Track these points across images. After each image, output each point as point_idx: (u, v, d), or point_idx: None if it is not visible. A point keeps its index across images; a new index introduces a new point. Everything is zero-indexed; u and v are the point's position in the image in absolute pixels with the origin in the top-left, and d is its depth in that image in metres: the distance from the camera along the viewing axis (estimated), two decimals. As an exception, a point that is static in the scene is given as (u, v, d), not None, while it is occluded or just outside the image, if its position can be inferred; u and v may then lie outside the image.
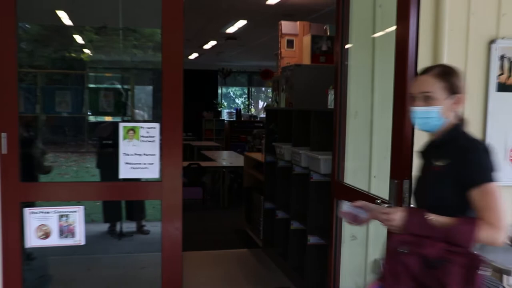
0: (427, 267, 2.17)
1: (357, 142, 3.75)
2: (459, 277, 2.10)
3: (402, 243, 2.25)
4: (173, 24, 3.23)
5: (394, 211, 2.31)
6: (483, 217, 2.15)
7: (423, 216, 2.22)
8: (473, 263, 2.11)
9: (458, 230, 2.14)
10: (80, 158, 10.67)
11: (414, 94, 2.37)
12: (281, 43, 6.71)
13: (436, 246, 2.16)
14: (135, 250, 6.57)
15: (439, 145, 2.37)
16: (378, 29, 3.61)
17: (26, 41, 7.37)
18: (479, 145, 2.28)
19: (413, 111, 2.36)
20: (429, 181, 2.36)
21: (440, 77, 2.33)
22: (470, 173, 2.20)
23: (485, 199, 2.16)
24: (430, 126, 2.37)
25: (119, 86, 7.11)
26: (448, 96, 2.32)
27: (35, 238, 3.20)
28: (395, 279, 2.24)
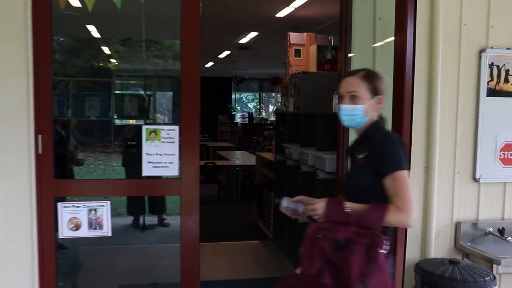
0: (336, 249, 2.20)
1: (359, 142, 3.72)
2: (361, 256, 2.13)
3: (319, 229, 2.28)
4: (191, 36, 3.23)
5: (317, 202, 2.36)
6: (394, 202, 2.22)
7: (340, 204, 2.29)
8: (374, 242, 2.12)
9: (369, 215, 2.20)
10: (106, 157, 10.71)
11: (342, 93, 2.43)
12: (290, 52, 6.70)
13: (347, 230, 2.20)
14: (157, 241, 6.59)
15: (361, 140, 2.44)
16: (378, 39, 3.61)
17: (60, 52, 7.42)
18: (392, 138, 2.37)
19: (341, 109, 2.43)
20: (354, 172, 2.44)
21: (365, 79, 2.40)
22: (384, 162, 2.27)
23: (396, 185, 2.22)
24: (355, 123, 2.44)
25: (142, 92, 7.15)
26: (372, 97, 2.39)
27: (67, 230, 3.22)
28: (310, 261, 2.27)
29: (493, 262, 2.90)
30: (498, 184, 3.22)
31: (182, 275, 3.31)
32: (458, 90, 3.12)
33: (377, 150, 2.31)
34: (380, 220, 2.19)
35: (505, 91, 3.16)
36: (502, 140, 3.19)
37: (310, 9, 7.78)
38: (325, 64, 6.04)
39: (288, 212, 2.58)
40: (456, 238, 3.16)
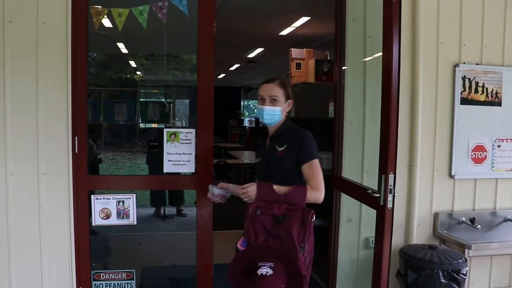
0: (276, 222, 2.37)
1: (352, 144, 3.75)
2: (298, 225, 2.36)
3: (257, 208, 2.43)
4: (206, 51, 3.24)
5: (248, 186, 2.50)
6: (310, 183, 2.49)
7: (270, 187, 2.47)
8: (307, 214, 2.39)
9: (294, 194, 2.44)
10: (132, 156, 10.72)
11: (263, 96, 2.60)
12: (291, 65, 6.69)
13: (281, 207, 2.40)
14: (175, 229, 6.58)
15: (278, 136, 2.61)
16: (368, 54, 3.61)
17: (94, 66, 7.46)
18: (308, 133, 2.60)
19: (263, 109, 2.59)
20: (276, 162, 2.56)
21: (282, 86, 2.61)
22: (303, 153, 2.51)
23: (311, 170, 2.51)
24: (273, 121, 2.61)
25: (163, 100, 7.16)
26: (285, 100, 2.62)
27: (99, 219, 3.23)
28: (255, 235, 2.40)
29: (465, 247, 2.92)
30: (470, 180, 3.24)
31: (197, 259, 3.34)
32: (436, 99, 3.13)
33: (298, 143, 2.53)
34: (303, 198, 2.45)
35: (476, 100, 3.18)
36: (473, 142, 3.21)
37: (309, 28, 7.79)
38: (322, 75, 6.03)
39: (217, 198, 2.61)
40: (434, 227, 3.17)
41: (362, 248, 3.74)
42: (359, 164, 3.69)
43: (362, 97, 3.68)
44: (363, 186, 3.28)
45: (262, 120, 2.63)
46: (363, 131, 3.70)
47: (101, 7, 3.08)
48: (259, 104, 2.63)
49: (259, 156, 2.74)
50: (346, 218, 3.82)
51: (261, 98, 2.61)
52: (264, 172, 2.64)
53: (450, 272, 2.71)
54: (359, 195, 3.30)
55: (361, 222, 3.75)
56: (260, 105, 2.61)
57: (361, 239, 3.76)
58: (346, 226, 3.81)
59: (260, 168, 2.70)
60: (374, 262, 2.99)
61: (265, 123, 2.65)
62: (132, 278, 3.35)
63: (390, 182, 2.83)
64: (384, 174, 2.85)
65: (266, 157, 2.66)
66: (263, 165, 2.67)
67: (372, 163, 3.27)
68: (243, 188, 2.52)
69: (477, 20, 3.16)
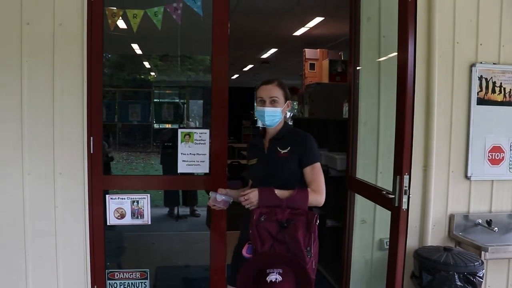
0: (281, 228, 2.35)
1: (366, 145, 3.73)
2: (303, 229, 2.34)
3: (261, 214, 2.40)
4: (221, 52, 3.24)
5: (249, 192, 2.47)
6: (311, 186, 2.50)
7: (272, 192, 2.44)
8: (311, 218, 2.36)
9: (297, 198, 2.42)
10: (146, 156, 10.77)
11: (263, 98, 2.59)
12: (305, 66, 6.70)
13: (285, 212, 2.39)
14: (189, 229, 6.61)
15: (280, 138, 2.61)
16: (382, 55, 3.60)
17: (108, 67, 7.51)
18: (310, 136, 2.62)
19: (264, 111, 2.58)
20: (281, 164, 2.55)
21: (281, 87, 2.61)
22: (307, 156, 2.54)
23: (314, 173, 2.53)
24: (274, 122, 2.61)
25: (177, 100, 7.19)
26: (285, 101, 2.62)
27: (113, 218, 3.25)
28: (261, 242, 2.36)
29: (482, 249, 2.88)
30: (486, 182, 3.20)
31: (211, 259, 3.34)
32: (452, 99, 3.10)
33: (301, 145, 2.56)
34: (305, 201, 2.43)
35: (493, 100, 3.14)
36: (490, 143, 3.17)
37: (323, 29, 7.78)
38: (336, 76, 6.03)
39: (220, 205, 2.60)
40: (450, 229, 3.15)
41: (376, 250, 3.71)
42: (373, 165, 3.67)
43: (376, 98, 3.66)
44: (378, 187, 3.27)
45: (263, 121, 2.62)
46: (378, 131, 3.67)
47: (116, 9, 3.10)
48: (259, 106, 2.62)
49: (254, 157, 2.72)
50: (360, 219, 3.80)
51: (261, 100, 2.61)
52: (261, 175, 2.63)
53: (466, 275, 2.68)
54: (374, 196, 3.28)
55: (376, 223, 3.73)
56: (261, 107, 2.60)
57: (375, 240, 3.74)
58: (360, 227, 3.79)
59: (257, 170, 2.68)
60: (389, 264, 2.97)
61: (266, 124, 2.64)
62: (146, 277, 3.37)
63: (405, 183, 2.83)
64: (399, 175, 2.83)
65: (266, 159, 2.65)
66: (261, 167, 2.66)
67: (387, 164, 3.25)
68: (244, 194, 2.49)
69: (495, 18, 3.12)
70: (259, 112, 2.62)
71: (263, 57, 11.41)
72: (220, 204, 2.62)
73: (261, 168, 2.66)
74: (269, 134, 2.69)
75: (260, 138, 2.75)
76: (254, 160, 2.71)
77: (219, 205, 2.63)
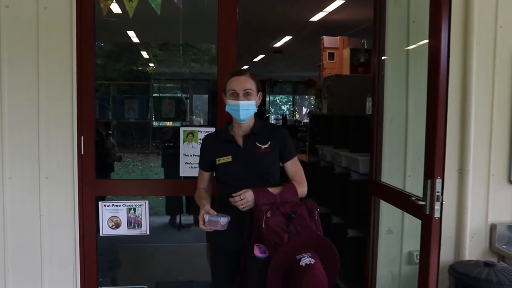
0: (288, 220, 2.54)
1: (392, 144, 3.69)
2: (308, 217, 2.59)
3: (266, 211, 2.54)
4: (228, 40, 3.24)
5: (244, 192, 2.59)
6: (295, 178, 2.79)
7: (266, 190, 2.62)
8: (311, 207, 2.62)
9: (289, 193, 2.65)
10: (144, 158, 10.81)
11: (237, 90, 2.66)
12: (323, 55, 6.69)
13: (285, 206, 2.58)
14: (193, 240, 6.60)
15: (257, 133, 2.75)
16: (411, 42, 3.57)
17: (101, 57, 7.55)
18: (285, 129, 2.90)
19: (238, 105, 2.66)
20: (265, 159, 2.72)
21: (253, 78, 2.71)
22: (288, 149, 2.78)
23: (295, 166, 2.81)
24: (248, 116, 2.71)
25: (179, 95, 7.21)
26: (257, 93, 2.72)
27: (107, 228, 3.26)
28: (278, 235, 2.50)
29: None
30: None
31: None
32: (493, 92, 3.05)
33: (282, 139, 2.77)
34: (296, 195, 2.68)
35: (541, 93, 3.08)
36: (538, 142, 3.11)
37: (343, 13, 7.75)
38: (359, 67, 6.02)
39: (214, 227, 2.60)
40: (491, 241, 3.09)
41: (405, 264, 3.70)
42: (401, 168, 3.65)
43: (404, 91, 3.63)
44: (406, 192, 3.24)
45: (237, 116, 2.69)
46: (406, 129, 3.65)
47: (109, -9, 3.10)
48: (231, 99, 2.68)
49: (225, 154, 2.76)
50: (386, 229, 3.76)
51: (234, 93, 2.67)
52: (243, 172, 2.71)
53: (510, 294, 2.63)
54: (401, 203, 3.25)
55: (404, 233, 3.71)
56: (234, 101, 2.66)
57: (403, 253, 3.72)
58: (386, 238, 3.76)
59: (234, 168, 2.74)
60: (419, 280, 2.93)
61: (240, 119, 2.70)
62: (144, 295, 3.38)
63: (437, 188, 2.79)
64: (430, 179, 2.80)
65: (244, 156, 2.73)
66: (240, 164, 2.73)
67: (416, 166, 3.22)
68: (238, 195, 2.59)
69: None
70: (232, 107, 2.68)
71: (275, 46, 11.41)
72: (213, 226, 2.63)
73: (240, 165, 2.72)
74: (242, 129, 2.76)
75: (226, 133, 2.80)
76: (227, 157, 2.75)
77: (214, 227, 2.63)
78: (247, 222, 2.62)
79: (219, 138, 2.83)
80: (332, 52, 6.65)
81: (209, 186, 2.92)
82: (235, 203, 2.59)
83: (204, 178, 2.91)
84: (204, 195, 2.83)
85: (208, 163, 2.84)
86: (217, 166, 2.78)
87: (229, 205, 2.62)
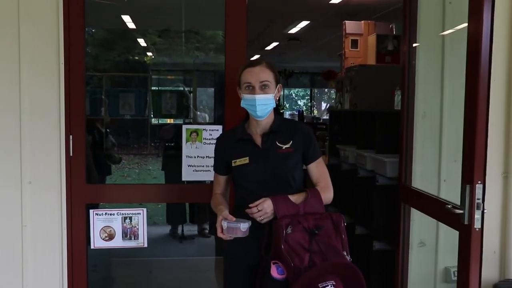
0: (311, 237, 2.51)
1: (425, 144, 3.69)
2: (334, 234, 2.57)
3: (287, 226, 2.51)
4: (237, 26, 3.24)
5: (262, 201, 2.56)
6: (319, 183, 2.80)
7: (287, 199, 2.60)
8: (337, 220, 2.60)
9: (312, 202, 2.64)
10: (142, 160, 10.84)
11: (252, 83, 2.66)
12: (345, 43, 6.70)
13: (308, 218, 2.56)
14: (197, 253, 6.62)
15: (276, 131, 2.74)
16: (448, 26, 3.55)
17: (92, 45, 7.57)
18: (308, 126, 2.92)
19: (254, 99, 2.64)
20: (285, 161, 2.71)
21: (270, 68, 2.71)
22: (312, 150, 2.77)
23: (320, 169, 2.83)
24: (266, 112, 2.70)
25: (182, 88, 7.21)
26: (276, 85, 2.72)
27: (99, 240, 3.27)
28: (298, 257, 2.47)
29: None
30: None
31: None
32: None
33: (305, 138, 2.76)
34: (321, 203, 2.67)
35: None
36: None
37: (368, -6, 7.74)
38: (386, 55, 6.02)
39: (231, 234, 2.57)
40: (542, 256, 3.07)
41: (441, 281, 3.69)
42: (435, 171, 3.65)
43: (439, 83, 3.63)
44: (441, 199, 3.21)
45: (254, 112, 2.68)
46: (441, 127, 3.65)
47: (101, -30, 3.11)
48: (246, 93, 2.68)
49: (243, 155, 2.75)
50: (418, 241, 3.76)
51: (249, 86, 2.67)
52: (262, 176, 2.71)
53: None
54: (436, 211, 3.23)
55: (439, 246, 3.71)
56: (249, 95, 2.66)
57: (438, 269, 3.72)
58: (418, 251, 3.75)
59: (254, 171, 2.73)
60: (457, 301, 2.91)
61: (257, 116, 2.70)
62: (141, 317, 3.38)
63: (477, 195, 2.75)
64: (469, 184, 2.77)
65: (263, 157, 2.72)
66: (259, 167, 2.72)
67: (453, 169, 3.21)
68: (256, 206, 2.56)
69: None
70: (248, 101, 2.67)
71: (291, 32, 11.41)
72: (240, 234, 2.60)
73: (258, 167, 2.72)
74: (260, 126, 2.76)
75: (242, 131, 2.79)
76: (243, 159, 2.74)
77: (240, 235, 2.61)
78: (265, 235, 2.60)
79: (234, 137, 2.81)
80: (355, 39, 6.66)
81: (227, 191, 2.92)
82: (252, 215, 2.57)
83: (220, 183, 2.89)
84: (221, 200, 2.81)
85: (224, 165, 2.83)
86: (232, 168, 2.77)
87: (246, 212, 2.60)
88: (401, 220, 3.69)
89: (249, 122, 2.79)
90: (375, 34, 6.18)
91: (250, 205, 2.58)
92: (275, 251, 2.52)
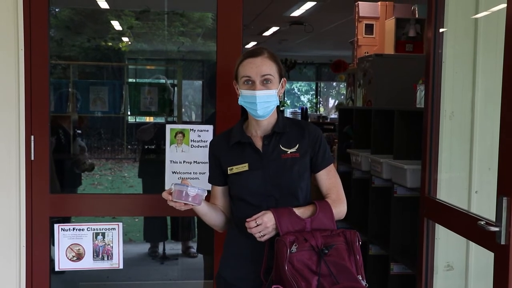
0: (320, 257, 2.49)
1: (453, 149, 3.71)
2: (347, 254, 2.54)
3: (291, 244, 2.48)
4: (230, 7, 3.25)
5: (261, 215, 2.54)
6: (330, 194, 2.76)
7: (292, 212, 2.58)
8: (351, 238, 2.57)
9: (322, 217, 2.61)
10: (116, 165, 10.84)
11: (251, 77, 2.65)
12: (358, 28, 6.71)
13: (316, 235, 2.53)
14: (180, 276, 6.61)
15: (281, 133, 2.75)
16: (481, 8, 3.56)
17: (56, 27, 7.56)
18: (317, 127, 2.85)
19: (254, 96, 2.63)
20: (289, 167, 2.69)
21: (273, 59, 2.70)
22: (322, 155, 2.75)
23: (331, 178, 2.78)
24: (269, 112, 2.72)
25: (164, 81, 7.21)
26: (279, 80, 2.73)
27: (65, 260, 3.25)
28: (304, 280, 2.45)
29: None
30: None
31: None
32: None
33: (314, 141, 2.75)
34: (332, 218, 2.64)
35: None
36: None
37: (386, -30, 7.75)
38: (407, 43, 6.03)
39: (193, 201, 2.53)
40: None
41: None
42: (464, 180, 3.67)
43: (470, 76, 3.64)
44: (471, 214, 3.21)
45: (254, 111, 2.67)
46: (472, 128, 3.66)
47: None
48: (244, 88, 2.67)
49: (241, 161, 2.74)
50: (444, 264, 3.77)
51: (248, 80, 2.66)
52: (261, 185, 2.70)
53: None
54: (466, 228, 3.23)
55: (469, 270, 3.72)
56: (249, 90, 2.65)
57: (469, 298, 3.71)
58: (446, 276, 3.77)
59: (254, 179, 2.72)
60: (492, 335, 2.93)
61: (257, 115, 2.69)
62: None
63: (516, 209, 2.78)
64: (506, 197, 2.76)
65: (264, 163, 2.71)
66: (258, 174, 2.71)
67: (486, 178, 3.29)
68: (254, 220, 2.54)
69: None
70: (247, 98, 2.67)
71: (293, 16, 11.43)
72: (193, 201, 2.56)
73: (259, 175, 2.71)
74: (261, 127, 2.76)
75: (240, 133, 2.78)
76: (241, 165, 2.73)
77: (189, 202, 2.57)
78: (265, 255, 2.60)
79: (231, 140, 2.79)
80: (370, 24, 6.67)
81: (226, 204, 2.87)
82: (250, 230, 2.55)
83: (216, 196, 2.87)
84: (211, 205, 2.80)
85: (219, 174, 2.81)
86: (228, 176, 2.76)
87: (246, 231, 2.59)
88: (424, 238, 3.70)
89: (247, 122, 2.79)
90: (394, 17, 6.18)
91: (248, 219, 2.55)
92: (277, 274, 2.50)
